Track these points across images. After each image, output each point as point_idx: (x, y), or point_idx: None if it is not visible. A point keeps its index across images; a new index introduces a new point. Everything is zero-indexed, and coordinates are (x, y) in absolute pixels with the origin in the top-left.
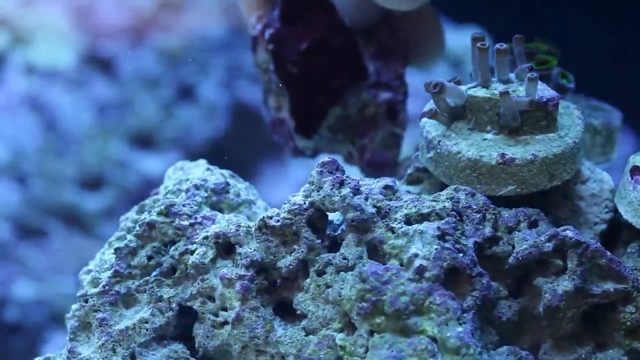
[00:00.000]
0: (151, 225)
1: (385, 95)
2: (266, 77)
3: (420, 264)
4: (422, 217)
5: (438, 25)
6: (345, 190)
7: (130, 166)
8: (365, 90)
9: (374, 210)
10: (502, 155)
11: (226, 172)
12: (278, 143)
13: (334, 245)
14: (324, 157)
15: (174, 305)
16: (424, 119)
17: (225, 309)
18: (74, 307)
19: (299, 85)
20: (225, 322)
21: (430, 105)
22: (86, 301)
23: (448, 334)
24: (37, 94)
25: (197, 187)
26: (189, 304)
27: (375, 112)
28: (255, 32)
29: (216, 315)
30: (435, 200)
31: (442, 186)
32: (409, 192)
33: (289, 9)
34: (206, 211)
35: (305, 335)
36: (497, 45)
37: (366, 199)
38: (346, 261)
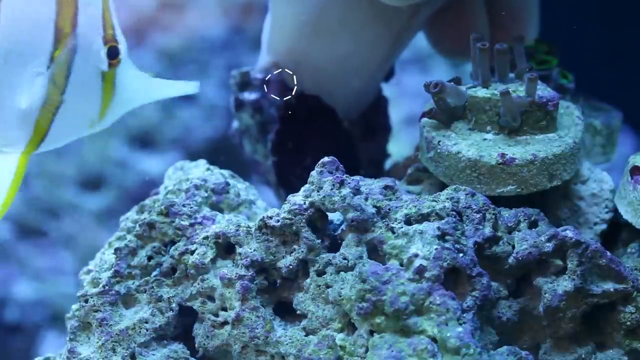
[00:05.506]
0: (151, 225)
1: None
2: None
3: (420, 264)
4: (422, 217)
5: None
6: (346, 190)
7: (130, 166)
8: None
9: (374, 210)
10: (502, 155)
11: (226, 172)
12: None
13: (334, 245)
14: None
15: (174, 305)
16: (424, 119)
17: (225, 309)
18: (74, 307)
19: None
20: (225, 322)
21: (430, 105)
22: (86, 301)
23: (448, 334)
24: None
25: (197, 187)
26: (189, 304)
27: None
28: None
29: (216, 315)
30: (435, 200)
31: (442, 186)
32: (409, 192)
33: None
34: (206, 211)
35: (305, 336)
36: (497, 46)
37: (366, 199)
38: (346, 261)
